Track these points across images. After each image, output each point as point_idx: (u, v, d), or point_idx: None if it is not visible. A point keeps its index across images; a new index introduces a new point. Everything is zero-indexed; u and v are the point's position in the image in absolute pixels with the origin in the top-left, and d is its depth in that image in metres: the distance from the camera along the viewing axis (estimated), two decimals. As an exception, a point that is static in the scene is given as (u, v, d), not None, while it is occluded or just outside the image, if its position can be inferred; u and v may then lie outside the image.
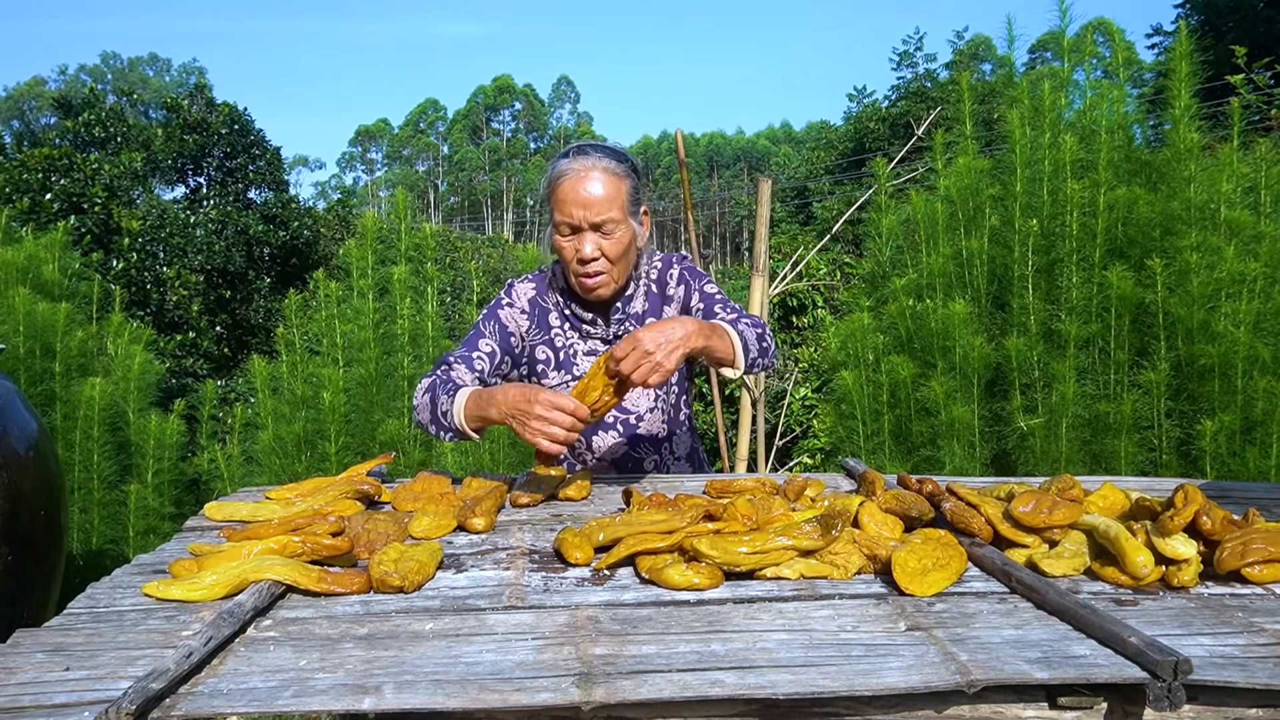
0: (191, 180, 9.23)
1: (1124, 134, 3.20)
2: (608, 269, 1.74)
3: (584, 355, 1.85)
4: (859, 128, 19.62)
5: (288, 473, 3.38)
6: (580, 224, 1.70)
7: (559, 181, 1.72)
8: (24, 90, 57.50)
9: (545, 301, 1.88)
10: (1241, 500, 1.62)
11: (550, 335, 1.86)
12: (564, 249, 1.74)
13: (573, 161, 1.72)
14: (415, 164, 72.43)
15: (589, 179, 1.69)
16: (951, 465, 3.12)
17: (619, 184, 1.72)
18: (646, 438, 1.88)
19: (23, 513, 2.08)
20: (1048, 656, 0.93)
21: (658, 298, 1.88)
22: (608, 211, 1.69)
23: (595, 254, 1.71)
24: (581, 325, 1.86)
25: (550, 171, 1.76)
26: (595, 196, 1.68)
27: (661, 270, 1.90)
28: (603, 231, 1.71)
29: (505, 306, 1.86)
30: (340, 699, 0.85)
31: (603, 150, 1.74)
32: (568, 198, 1.69)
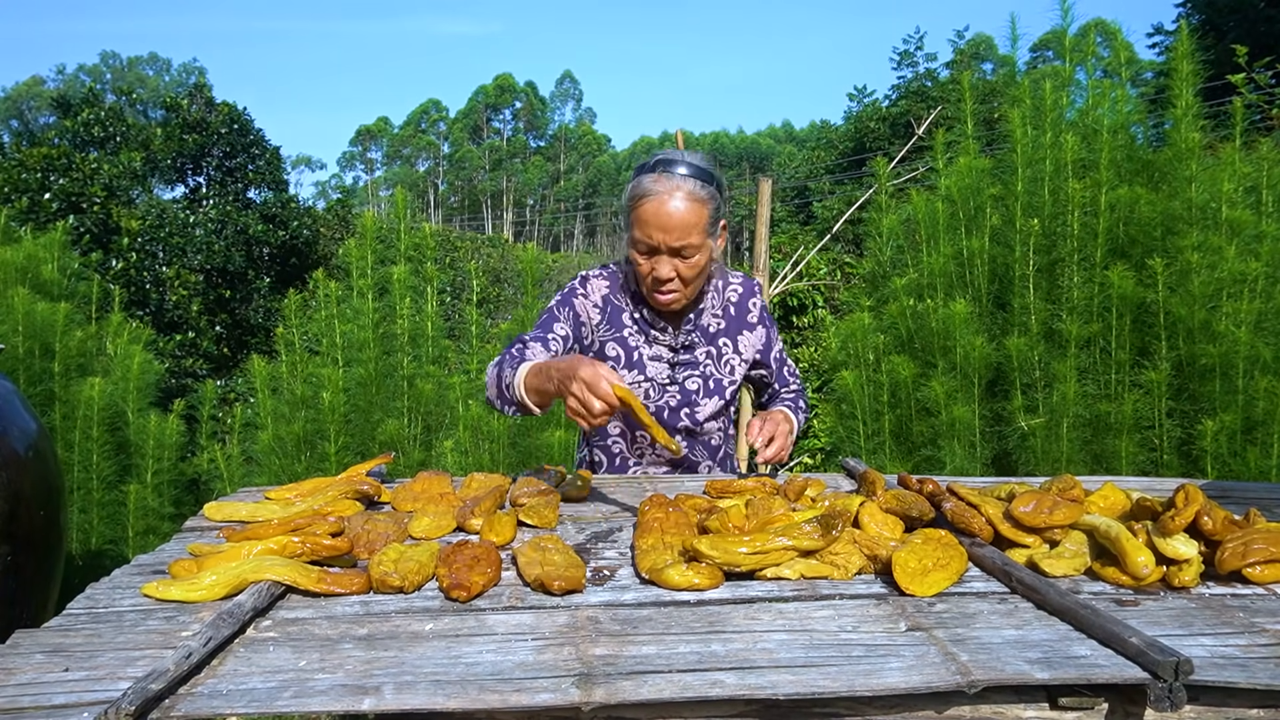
0: (191, 180, 9.22)
1: (1125, 133, 3.20)
2: (681, 288, 1.74)
3: (649, 360, 1.85)
4: (859, 127, 19.62)
5: (287, 473, 3.38)
6: (659, 246, 1.68)
7: (642, 201, 1.68)
8: (23, 90, 57.51)
9: (619, 300, 1.87)
10: (1242, 500, 1.62)
11: (623, 333, 1.85)
12: (640, 265, 1.73)
13: (657, 181, 1.67)
14: (415, 163, 72.45)
15: (671, 202, 1.65)
16: (952, 465, 3.12)
17: (702, 208, 1.68)
18: (707, 445, 1.93)
19: (22, 513, 2.08)
20: (1048, 657, 0.93)
21: (735, 321, 1.91)
22: (688, 237, 1.67)
23: (671, 275, 1.71)
24: (651, 330, 1.85)
25: (632, 186, 1.72)
26: (676, 222, 1.65)
27: (743, 295, 1.92)
28: (681, 255, 1.69)
29: (580, 296, 1.85)
30: (340, 699, 0.85)
31: (688, 166, 1.69)
32: (649, 219, 1.67)
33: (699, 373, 1.86)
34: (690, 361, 1.86)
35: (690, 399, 1.86)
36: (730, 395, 1.91)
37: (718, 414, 1.90)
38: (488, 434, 3.44)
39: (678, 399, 1.86)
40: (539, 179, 67.42)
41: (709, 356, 1.87)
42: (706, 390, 1.87)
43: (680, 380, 1.85)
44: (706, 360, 1.87)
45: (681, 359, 1.86)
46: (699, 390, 1.86)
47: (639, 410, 1.43)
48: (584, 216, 59.22)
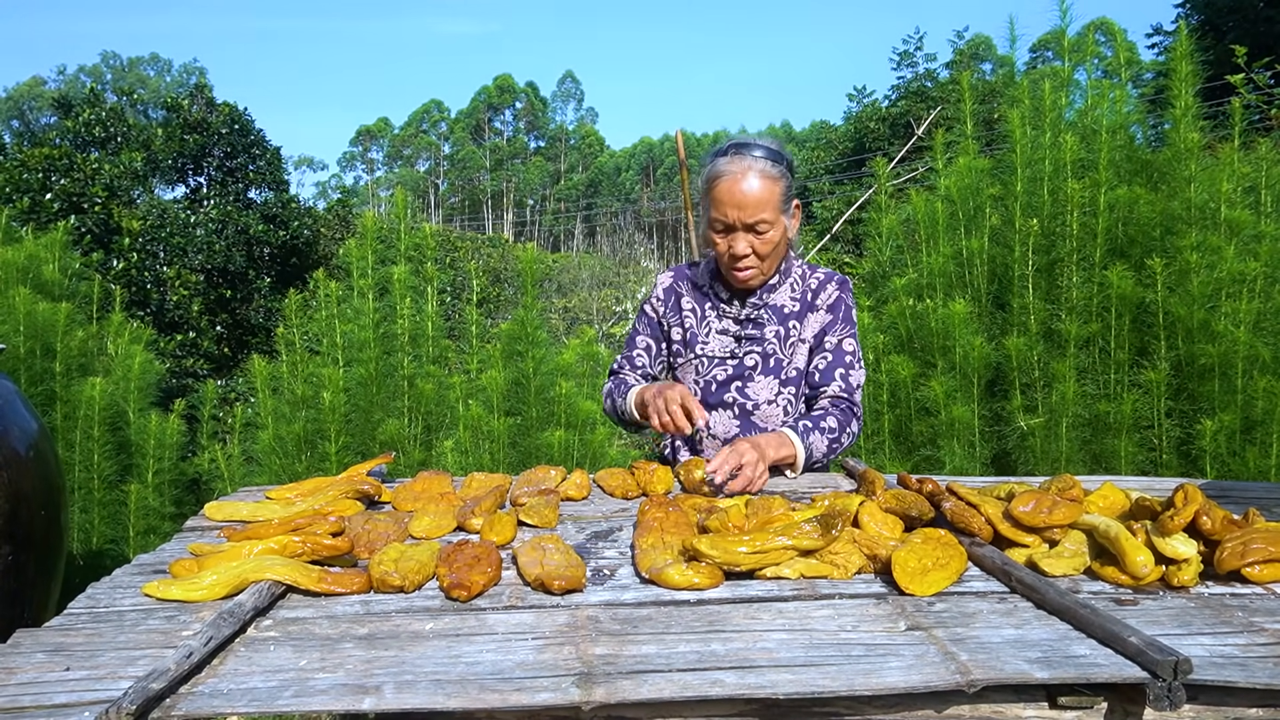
0: (192, 180, 9.22)
1: (1125, 134, 3.21)
2: (758, 264, 1.83)
3: (716, 333, 1.94)
4: (859, 127, 19.59)
5: (288, 472, 3.38)
6: (735, 224, 1.78)
7: (716, 181, 1.78)
8: (24, 90, 57.51)
9: (679, 287, 2.00)
10: (1241, 500, 1.62)
11: (681, 316, 1.98)
12: (718, 244, 1.84)
13: (731, 162, 1.78)
14: (416, 164, 72.45)
15: (745, 181, 1.75)
16: (951, 465, 3.13)
17: (774, 185, 1.77)
18: (759, 427, 1.92)
19: (23, 512, 2.09)
20: (1048, 656, 0.93)
21: (806, 305, 1.94)
22: (761, 213, 1.76)
23: (747, 251, 1.80)
24: (720, 304, 1.95)
25: (708, 169, 1.82)
26: (750, 199, 1.75)
27: (822, 282, 1.94)
28: (756, 231, 1.78)
29: (649, 301, 2.05)
30: (340, 699, 0.85)
31: (760, 148, 1.80)
32: (724, 198, 1.77)
33: (761, 349, 1.90)
34: (755, 337, 1.90)
35: (744, 372, 1.90)
36: (788, 378, 1.90)
37: (774, 396, 1.90)
38: (488, 434, 3.44)
39: (729, 372, 1.91)
40: (539, 179, 67.42)
41: (777, 336, 1.91)
42: (765, 368, 1.90)
43: (741, 355, 1.91)
44: (773, 339, 1.91)
45: (748, 333, 1.91)
46: (757, 367, 1.90)
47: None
48: (584, 217, 59.21)
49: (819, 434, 1.81)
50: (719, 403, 1.91)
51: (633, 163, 66.74)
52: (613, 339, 9.58)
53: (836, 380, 1.91)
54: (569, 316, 12.29)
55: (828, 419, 1.84)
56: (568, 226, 60.10)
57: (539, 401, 3.50)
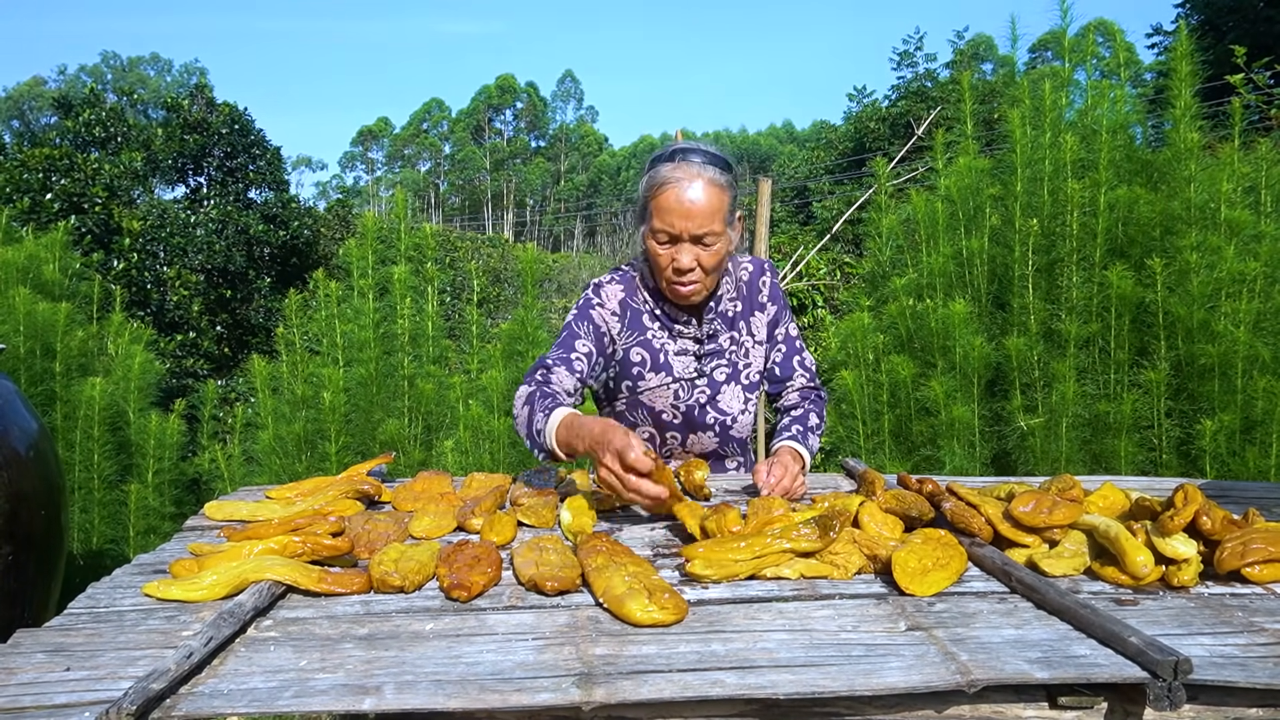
0: (192, 180, 9.22)
1: (1124, 134, 3.21)
2: (701, 278, 1.72)
3: (674, 355, 1.83)
4: (859, 127, 19.60)
5: (288, 472, 3.38)
6: (681, 235, 1.67)
7: (661, 189, 1.67)
8: (24, 90, 57.50)
9: (635, 302, 1.83)
10: (1241, 500, 1.62)
11: (646, 336, 1.82)
12: (659, 256, 1.71)
13: (676, 169, 1.67)
14: (417, 164, 72.44)
15: (692, 189, 1.65)
16: (951, 465, 3.13)
17: (722, 195, 1.67)
18: (736, 440, 1.91)
19: (23, 512, 2.09)
20: (1048, 656, 0.93)
21: (747, 302, 1.88)
22: (709, 224, 1.66)
23: (692, 264, 1.69)
24: (674, 325, 1.83)
25: (651, 175, 1.70)
26: (698, 209, 1.64)
27: (753, 274, 1.89)
28: (703, 243, 1.68)
29: (596, 306, 1.81)
30: (340, 699, 0.85)
31: (705, 155, 1.69)
32: (669, 207, 1.65)
33: (725, 360, 1.85)
34: (716, 350, 1.85)
35: (719, 389, 1.85)
36: (752, 382, 1.88)
37: (745, 404, 1.89)
38: (488, 434, 3.44)
39: (707, 393, 1.84)
40: (540, 179, 67.41)
41: (732, 342, 1.86)
42: (729, 376, 1.86)
43: (708, 372, 1.84)
44: (731, 346, 1.86)
45: (707, 349, 1.84)
46: (725, 378, 1.85)
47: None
48: (584, 217, 59.20)
49: (812, 435, 1.82)
50: (700, 426, 1.86)
51: (634, 162, 66.68)
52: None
53: (798, 370, 1.90)
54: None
55: (810, 416, 1.84)
56: (568, 226, 60.08)
57: (539, 401, 3.49)
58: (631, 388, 1.84)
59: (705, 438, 1.88)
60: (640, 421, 1.88)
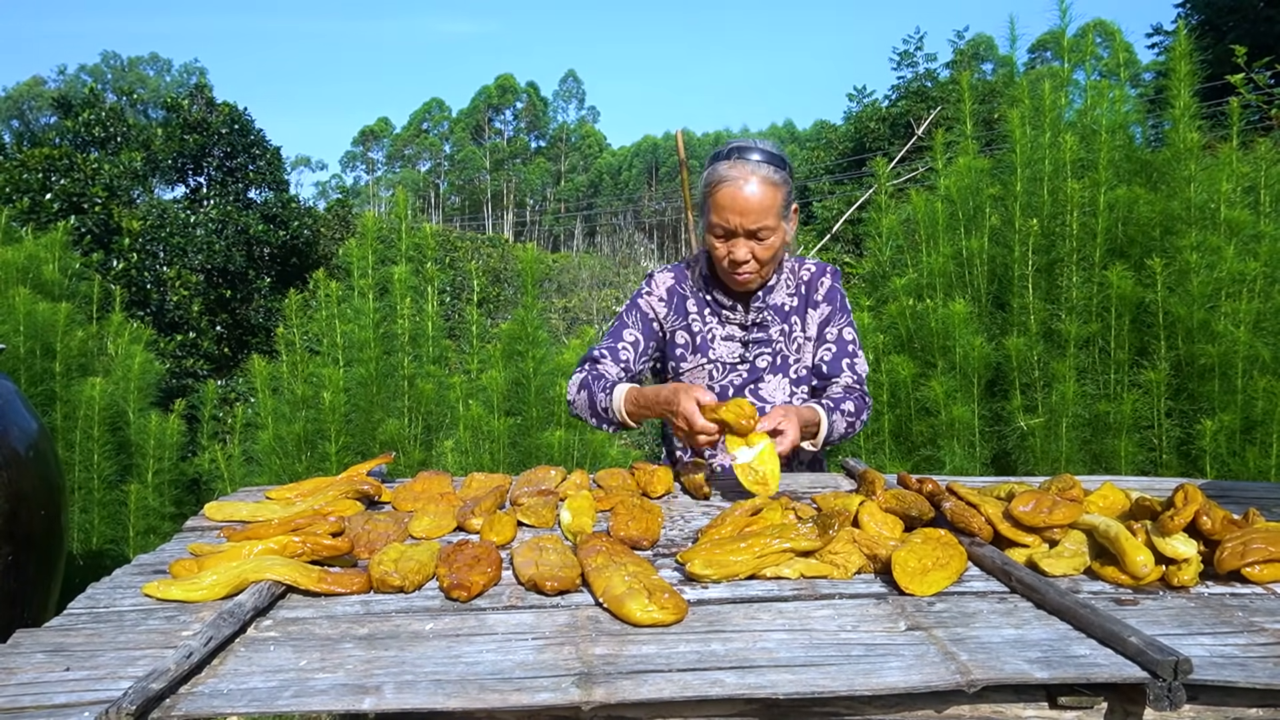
0: (191, 180, 9.22)
1: (1124, 133, 3.21)
2: (757, 270, 1.81)
3: (721, 340, 1.91)
4: (859, 127, 19.59)
5: (288, 473, 3.38)
6: (736, 230, 1.75)
7: (718, 186, 1.76)
8: (24, 90, 57.49)
9: (683, 289, 1.95)
10: (1241, 500, 1.62)
11: (688, 320, 1.93)
12: (717, 249, 1.81)
13: (732, 167, 1.76)
14: (417, 164, 72.45)
15: (747, 187, 1.73)
16: (951, 465, 3.13)
17: (775, 192, 1.75)
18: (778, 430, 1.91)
19: (23, 512, 2.08)
20: (1048, 656, 0.93)
21: (804, 300, 1.94)
22: (763, 220, 1.74)
23: (747, 257, 1.78)
24: (721, 311, 1.92)
25: (709, 173, 1.80)
26: (752, 205, 1.73)
27: (814, 274, 1.95)
28: (757, 238, 1.76)
29: (645, 295, 1.96)
30: (340, 699, 0.85)
31: (761, 153, 1.78)
32: (725, 204, 1.74)
33: (770, 350, 1.91)
34: (763, 339, 1.90)
35: (759, 375, 1.90)
36: (800, 376, 1.92)
37: (789, 397, 1.91)
38: (488, 434, 3.44)
39: (744, 377, 1.90)
40: (540, 179, 67.42)
41: (782, 334, 1.91)
42: (774, 367, 1.90)
43: (751, 358, 1.90)
44: (779, 338, 1.91)
45: (754, 336, 1.90)
46: (768, 367, 1.90)
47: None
48: (584, 217, 59.21)
49: (840, 415, 1.84)
50: None
51: (635, 161, 66.69)
52: (613, 339, 9.55)
53: (845, 371, 1.93)
54: (569, 316, 12.29)
55: (846, 403, 1.87)
56: (568, 226, 60.08)
57: (539, 401, 3.50)
58: (675, 369, 1.95)
59: None
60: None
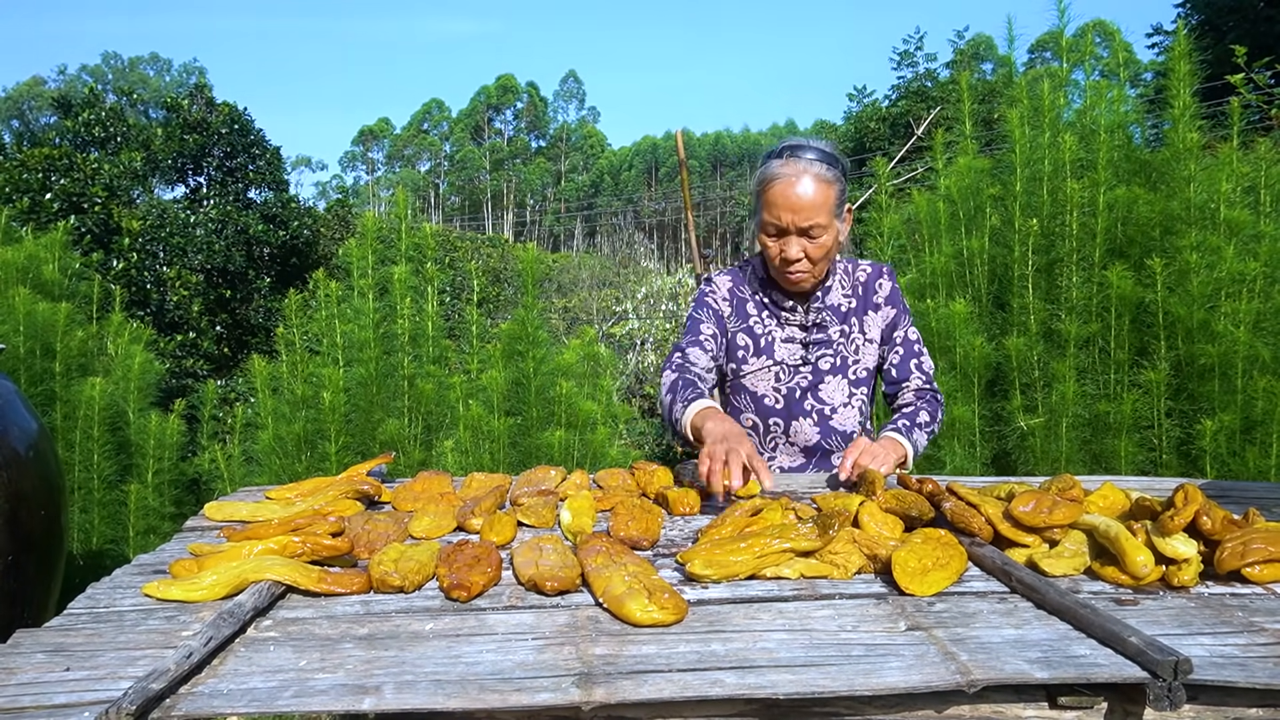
0: (191, 180, 9.22)
1: (1123, 133, 3.21)
2: (809, 268, 1.81)
3: (781, 342, 1.91)
4: (859, 127, 19.59)
5: (288, 473, 3.38)
6: (788, 227, 1.76)
7: (770, 184, 1.77)
8: (24, 90, 57.49)
9: (742, 292, 1.95)
10: (1241, 500, 1.62)
11: (749, 323, 1.93)
12: (769, 247, 1.81)
13: (785, 165, 1.76)
14: (417, 164, 72.45)
15: (799, 184, 1.73)
16: (951, 465, 3.13)
17: (828, 190, 1.75)
18: (839, 431, 1.92)
19: (23, 513, 2.08)
20: (1048, 656, 0.93)
21: (862, 301, 1.94)
22: (815, 217, 1.74)
23: (799, 255, 1.78)
24: (780, 313, 1.92)
25: (762, 171, 1.81)
26: (804, 203, 1.73)
27: (871, 276, 1.95)
28: (809, 235, 1.76)
29: (710, 295, 1.96)
30: (340, 699, 0.85)
31: (815, 151, 1.78)
32: (778, 201, 1.75)
33: (832, 351, 1.90)
34: (824, 340, 1.90)
35: (822, 377, 1.90)
36: (859, 378, 1.92)
37: (849, 398, 1.91)
38: (488, 434, 3.44)
39: (809, 379, 1.90)
40: (540, 179, 67.41)
41: (842, 335, 1.91)
42: (835, 368, 1.90)
43: (814, 360, 1.90)
44: (840, 339, 1.91)
45: (815, 338, 1.90)
46: (830, 369, 1.90)
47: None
48: (585, 217, 59.19)
49: (919, 430, 1.85)
50: (800, 411, 1.90)
51: (635, 161, 66.70)
52: (613, 339, 9.58)
53: (914, 373, 1.94)
54: (569, 316, 12.29)
55: (920, 414, 1.88)
56: (568, 226, 60.08)
57: (539, 401, 3.50)
58: (735, 371, 1.93)
59: (806, 425, 1.91)
60: (743, 408, 1.93)
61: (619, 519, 1.38)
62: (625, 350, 9.12)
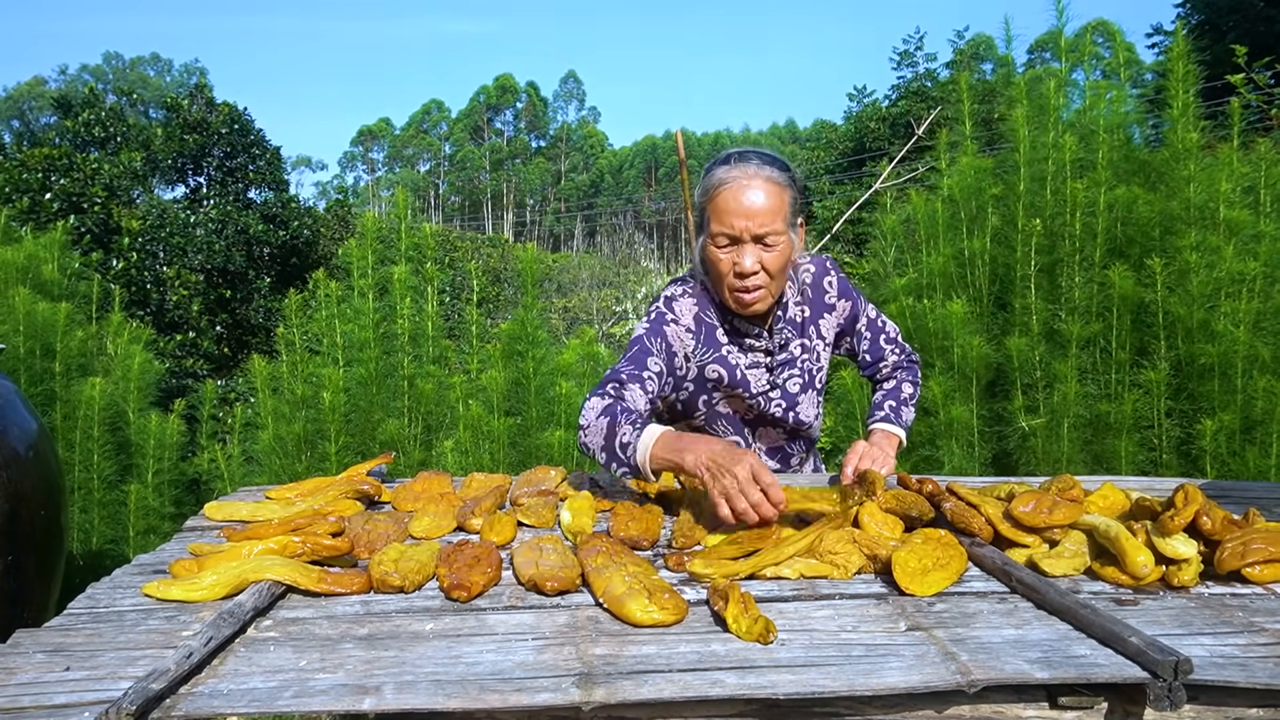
0: (191, 180, 9.22)
1: (1122, 133, 3.21)
2: (766, 283, 1.65)
3: (746, 369, 1.76)
4: (859, 127, 19.56)
5: (288, 473, 3.38)
6: (741, 235, 1.61)
7: (719, 189, 1.63)
8: (24, 90, 57.49)
9: (709, 317, 1.76)
10: (1241, 500, 1.62)
11: (722, 352, 1.76)
12: (720, 261, 1.65)
13: (733, 169, 1.63)
14: (417, 164, 72.46)
15: (752, 188, 1.60)
16: (951, 465, 3.13)
17: (782, 194, 1.63)
18: (804, 437, 1.89)
19: (23, 513, 2.08)
20: (1048, 656, 0.93)
21: (817, 304, 1.83)
22: (771, 223, 1.60)
23: (755, 267, 1.62)
24: (744, 340, 1.77)
25: (707, 178, 1.67)
26: (759, 207, 1.60)
27: (816, 275, 1.84)
28: (765, 244, 1.62)
29: (670, 324, 1.73)
30: (340, 699, 0.85)
31: (764, 157, 1.66)
32: (729, 207, 1.61)
33: (797, 370, 1.80)
34: (788, 360, 1.79)
35: (794, 401, 1.80)
36: (820, 385, 1.86)
37: (818, 409, 1.86)
38: (488, 434, 3.44)
39: (782, 406, 1.79)
40: (540, 179, 67.41)
41: (803, 350, 1.81)
42: (803, 386, 1.81)
43: (782, 383, 1.78)
44: (803, 354, 1.81)
45: (779, 360, 1.78)
46: (800, 388, 1.80)
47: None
48: (584, 217, 59.19)
49: (905, 407, 1.85)
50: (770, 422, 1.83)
51: (635, 161, 66.72)
52: (613, 339, 9.58)
53: (887, 349, 1.91)
54: (569, 316, 12.30)
55: (903, 387, 1.87)
56: (568, 226, 60.09)
57: (539, 401, 3.50)
58: (709, 402, 1.80)
59: (774, 434, 1.86)
60: (721, 432, 1.83)
61: (619, 519, 1.38)
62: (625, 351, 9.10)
